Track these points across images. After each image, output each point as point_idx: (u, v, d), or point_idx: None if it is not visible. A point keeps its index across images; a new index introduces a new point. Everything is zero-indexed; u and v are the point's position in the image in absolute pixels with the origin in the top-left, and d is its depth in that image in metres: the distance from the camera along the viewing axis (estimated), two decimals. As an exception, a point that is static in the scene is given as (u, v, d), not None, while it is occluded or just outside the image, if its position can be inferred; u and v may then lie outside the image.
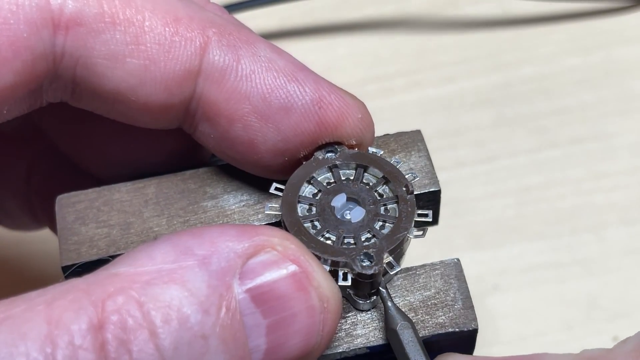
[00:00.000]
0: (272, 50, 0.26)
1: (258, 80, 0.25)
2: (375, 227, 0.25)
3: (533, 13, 0.49)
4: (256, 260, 0.22)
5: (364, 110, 0.27)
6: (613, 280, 0.40)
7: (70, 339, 0.20)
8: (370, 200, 0.25)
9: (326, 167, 0.26)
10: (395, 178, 0.26)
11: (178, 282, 0.21)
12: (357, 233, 0.25)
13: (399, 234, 0.25)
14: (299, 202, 0.25)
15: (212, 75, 0.25)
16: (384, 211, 0.25)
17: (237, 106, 0.26)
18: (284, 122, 0.26)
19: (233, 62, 0.25)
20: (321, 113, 0.26)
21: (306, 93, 0.26)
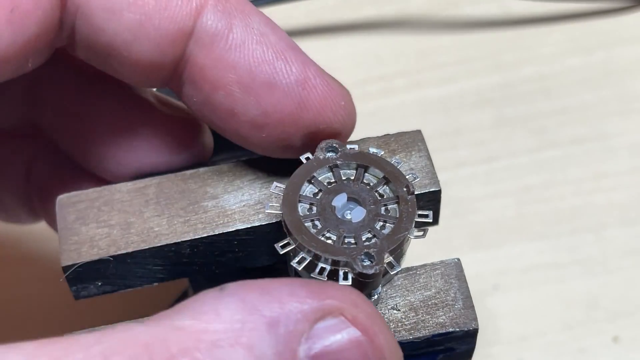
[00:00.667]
0: (266, 24, 0.26)
1: (247, 51, 0.26)
2: (376, 227, 0.25)
3: (533, 13, 0.49)
4: (323, 325, 0.20)
5: (348, 98, 0.27)
6: (613, 280, 0.40)
7: None
8: (371, 201, 0.25)
9: (327, 166, 0.26)
10: (395, 178, 0.26)
11: (245, 347, 0.19)
12: (357, 233, 0.25)
13: (399, 234, 0.25)
14: (300, 201, 0.25)
15: (202, 39, 0.26)
16: (385, 211, 0.25)
17: (222, 74, 0.26)
18: (265, 97, 0.26)
19: (225, 29, 0.26)
20: (304, 94, 0.26)
21: (292, 72, 0.26)
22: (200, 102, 0.27)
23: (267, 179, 0.28)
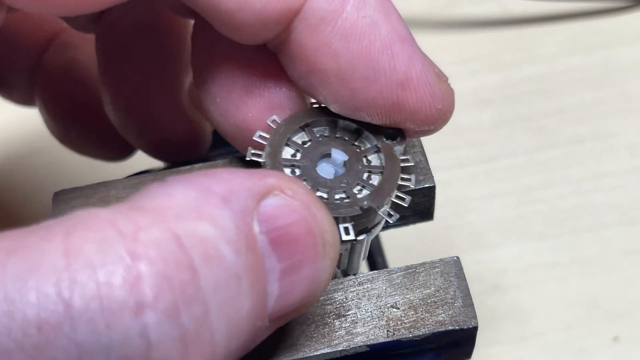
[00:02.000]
0: (380, 10, 0.24)
1: (352, 42, 0.24)
2: (364, 178, 0.25)
3: (533, 13, 0.49)
4: (268, 202, 0.21)
5: (448, 100, 0.25)
6: (613, 280, 0.40)
7: (93, 273, 0.17)
8: (356, 163, 0.25)
9: (326, 119, 0.26)
10: (388, 149, 0.25)
11: (209, 219, 0.19)
12: (332, 190, 0.25)
13: (393, 178, 0.25)
14: (287, 144, 0.25)
15: (309, 21, 0.24)
16: (367, 178, 0.25)
17: (322, 60, 0.24)
18: (361, 91, 0.24)
19: (335, 14, 0.24)
20: (401, 95, 0.24)
21: (394, 71, 0.24)
22: (293, 76, 0.25)
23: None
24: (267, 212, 0.20)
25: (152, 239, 0.18)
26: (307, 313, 0.25)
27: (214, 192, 0.20)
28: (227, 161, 0.28)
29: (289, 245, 0.21)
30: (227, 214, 0.20)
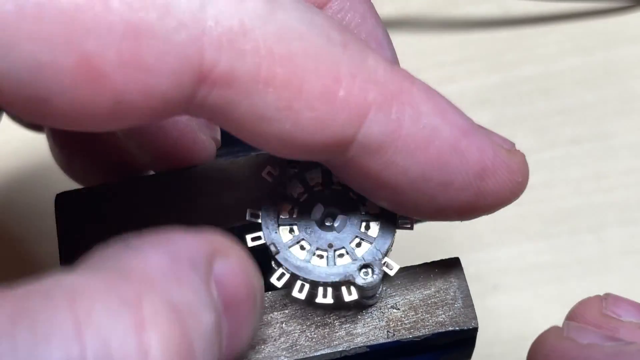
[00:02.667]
0: (436, 112, 0.23)
1: (419, 156, 0.23)
2: (361, 230, 0.25)
3: (533, 13, 0.49)
4: (217, 267, 0.21)
5: (524, 169, 0.25)
6: (613, 280, 0.40)
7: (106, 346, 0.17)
8: (348, 203, 0.26)
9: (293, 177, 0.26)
10: None
11: (187, 285, 0.20)
12: (346, 242, 0.25)
13: (388, 233, 0.25)
14: (280, 225, 0.25)
15: (368, 147, 0.23)
16: (363, 210, 0.25)
17: (390, 177, 0.23)
18: (440, 196, 0.24)
19: (393, 135, 0.22)
20: (482, 186, 0.24)
21: (469, 167, 0.23)
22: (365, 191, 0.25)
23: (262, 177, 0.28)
24: (218, 276, 0.21)
25: (156, 308, 0.18)
26: (307, 313, 0.25)
27: (182, 257, 0.20)
28: (228, 162, 0.28)
29: (235, 308, 0.21)
30: (197, 280, 0.20)
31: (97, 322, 0.18)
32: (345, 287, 0.24)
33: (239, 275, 0.21)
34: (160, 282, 0.19)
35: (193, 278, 0.20)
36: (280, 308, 0.25)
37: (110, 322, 0.18)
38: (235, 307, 0.21)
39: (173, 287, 0.19)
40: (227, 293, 0.21)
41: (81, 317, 0.18)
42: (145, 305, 0.18)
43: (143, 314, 0.18)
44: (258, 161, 0.28)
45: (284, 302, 0.25)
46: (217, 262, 0.21)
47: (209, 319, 0.20)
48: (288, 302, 0.25)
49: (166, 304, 0.19)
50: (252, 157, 0.28)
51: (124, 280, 0.19)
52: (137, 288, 0.19)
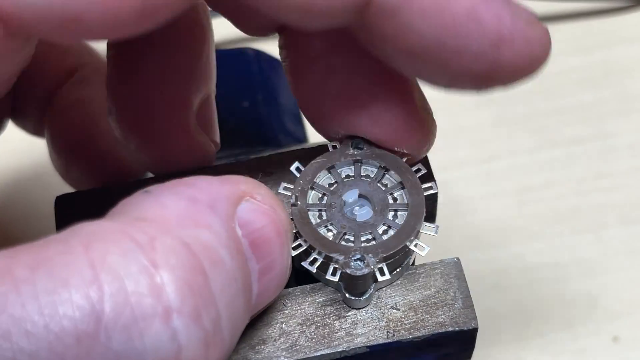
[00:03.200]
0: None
1: (434, 19, 0.22)
2: (378, 231, 0.25)
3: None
4: (243, 208, 0.22)
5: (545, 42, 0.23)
6: (613, 280, 0.40)
7: (121, 283, 0.18)
8: (382, 203, 0.26)
9: (350, 160, 0.26)
10: (413, 187, 0.26)
11: (206, 226, 0.20)
12: (358, 232, 0.25)
13: (397, 243, 0.25)
14: (313, 188, 0.26)
15: (383, 8, 0.22)
16: (392, 216, 0.25)
17: (405, 42, 0.23)
18: (453, 64, 0.23)
19: None
20: (497, 56, 0.23)
21: (485, 34, 0.22)
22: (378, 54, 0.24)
23: (264, 178, 0.28)
24: (244, 217, 0.22)
25: (168, 248, 0.19)
26: (307, 314, 0.25)
27: (201, 200, 0.21)
28: (229, 164, 0.28)
29: (264, 247, 0.22)
30: (217, 221, 0.21)
31: (111, 265, 0.18)
32: (333, 265, 0.24)
33: (266, 215, 0.22)
34: (175, 223, 0.20)
35: (211, 219, 0.21)
36: (280, 308, 0.25)
37: (124, 263, 0.18)
38: (265, 245, 0.22)
39: (189, 228, 0.20)
40: (254, 232, 0.22)
41: (96, 260, 0.18)
42: (158, 246, 0.19)
43: (155, 254, 0.19)
44: (259, 163, 0.28)
45: (284, 302, 0.25)
46: (242, 204, 0.22)
47: (228, 258, 0.20)
48: (287, 302, 0.25)
49: (180, 244, 0.19)
50: (253, 159, 0.28)
51: (139, 223, 0.20)
52: (151, 230, 0.19)
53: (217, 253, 0.20)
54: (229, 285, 0.20)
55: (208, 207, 0.21)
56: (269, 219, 0.22)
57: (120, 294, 0.18)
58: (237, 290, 0.20)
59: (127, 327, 0.18)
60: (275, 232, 0.22)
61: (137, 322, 0.18)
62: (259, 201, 0.22)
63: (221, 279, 0.20)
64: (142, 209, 0.20)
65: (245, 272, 0.21)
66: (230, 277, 0.20)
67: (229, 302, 0.20)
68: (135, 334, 0.18)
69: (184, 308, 0.18)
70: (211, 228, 0.20)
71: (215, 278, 0.19)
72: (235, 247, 0.21)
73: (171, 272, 0.19)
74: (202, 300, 0.19)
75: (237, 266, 0.21)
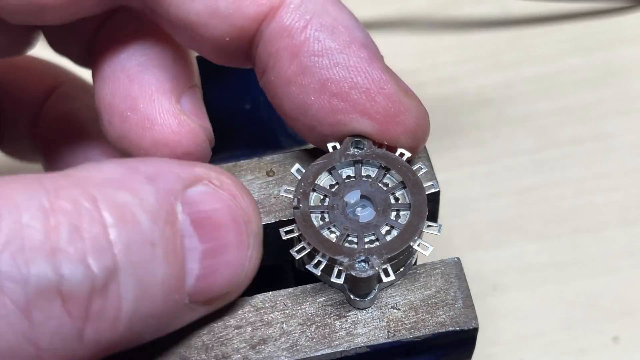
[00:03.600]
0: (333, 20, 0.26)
1: None
2: (381, 232, 0.25)
3: (533, 13, 0.49)
4: (195, 189, 0.23)
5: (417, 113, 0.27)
6: (613, 280, 0.40)
7: (18, 216, 0.20)
8: (384, 203, 0.26)
9: (350, 160, 0.26)
10: (415, 186, 0.26)
11: (129, 190, 0.22)
12: (361, 233, 0.25)
13: (402, 244, 0.25)
14: (314, 190, 0.26)
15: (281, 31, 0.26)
16: (395, 217, 0.25)
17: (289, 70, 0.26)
18: None
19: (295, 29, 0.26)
20: None
21: None
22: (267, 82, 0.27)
23: (265, 179, 0.28)
24: (192, 197, 0.23)
25: (71, 196, 0.21)
26: (307, 314, 0.25)
27: (141, 171, 0.22)
28: (230, 165, 0.28)
29: (211, 228, 0.23)
30: (149, 189, 0.22)
31: (15, 200, 0.20)
32: (338, 268, 0.24)
33: (220, 199, 0.23)
34: (97, 182, 0.21)
35: (140, 186, 0.22)
36: (280, 308, 0.25)
37: (27, 201, 0.20)
38: (212, 227, 0.23)
39: (108, 188, 0.21)
40: (200, 213, 0.23)
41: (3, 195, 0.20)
42: (62, 194, 0.21)
43: (57, 200, 0.20)
44: (260, 165, 0.28)
45: (285, 302, 0.25)
46: (196, 186, 0.23)
47: (146, 222, 0.21)
48: (288, 302, 0.25)
49: (86, 196, 0.21)
50: (255, 161, 0.28)
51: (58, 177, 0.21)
52: (63, 182, 0.21)
53: (132, 213, 0.21)
54: (140, 247, 0.21)
55: (145, 177, 0.22)
56: (224, 204, 0.23)
57: (16, 224, 0.20)
58: (154, 256, 0.21)
59: (15, 252, 0.20)
60: (229, 217, 0.23)
61: (25, 251, 0.20)
62: (215, 186, 0.23)
63: (127, 236, 0.21)
64: (79, 170, 0.22)
65: (173, 243, 0.22)
66: (144, 239, 0.21)
67: (136, 262, 0.21)
68: (20, 261, 0.20)
69: (69, 249, 0.20)
70: (136, 193, 0.22)
71: (120, 233, 0.21)
72: (164, 216, 0.22)
73: (64, 216, 0.20)
74: (94, 247, 0.20)
75: (159, 233, 0.22)
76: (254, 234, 0.24)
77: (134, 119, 0.29)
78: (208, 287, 0.23)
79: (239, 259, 0.23)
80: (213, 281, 0.23)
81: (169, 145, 0.29)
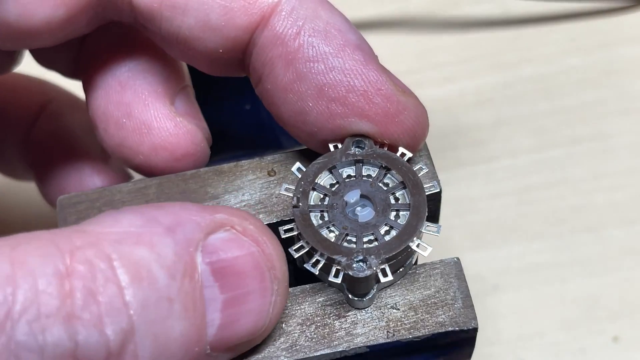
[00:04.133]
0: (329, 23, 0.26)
1: None
2: (380, 232, 0.25)
3: (533, 13, 0.49)
4: (217, 237, 0.22)
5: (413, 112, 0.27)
6: (613, 280, 0.40)
7: (34, 282, 0.20)
8: (384, 203, 0.26)
9: (351, 160, 0.26)
10: (415, 186, 0.26)
11: (147, 245, 0.21)
12: (360, 233, 0.25)
13: (400, 244, 0.25)
14: (314, 189, 0.26)
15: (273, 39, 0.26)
16: (394, 217, 0.25)
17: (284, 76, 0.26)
18: None
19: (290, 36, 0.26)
20: None
21: None
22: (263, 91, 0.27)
23: (267, 179, 0.28)
24: (214, 244, 0.22)
25: (86, 258, 0.20)
26: (307, 314, 0.25)
27: (160, 222, 0.22)
28: (232, 165, 0.28)
29: (233, 277, 0.22)
30: (168, 242, 0.21)
31: (29, 264, 0.20)
32: (336, 267, 0.24)
33: (242, 246, 0.23)
34: (113, 238, 0.21)
35: (158, 240, 0.21)
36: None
37: (41, 265, 0.20)
38: (234, 276, 0.22)
39: (125, 244, 0.21)
40: (222, 261, 0.22)
41: (17, 259, 0.20)
42: (78, 255, 0.20)
43: (72, 262, 0.20)
44: (261, 164, 0.28)
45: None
46: (218, 232, 0.22)
47: (163, 278, 0.21)
48: (287, 302, 0.25)
49: (101, 256, 0.20)
50: (256, 160, 0.28)
51: (73, 234, 0.21)
52: (79, 241, 0.21)
53: (148, 270, 0.21)
54: (157, 304, 0.21)
55: (164, 228, 0.22)
56: (246, 251, 0.23)
57: (32, 291, 0.19)
58: (172, 312, 0.21)
59: (31, 321, 0.19)
60: (251, 265, 0.22)
61: (40, 318, 0.19)
62: (238, 232, 0.23)
63: (143, 295, 0.21)
64: (95, 223, 0.22)
65: (192, 296, 0.21)
66: (161, 296, 0.21)
67: (153, 319, 0.21)
68: (37, 329, 0.19)
69: (84, 314, 0.20)
70: (153, 247, 0.21)
71: (136, 293, 0.20)
72: (182, 269, 0.21)
73: (79, 280, 0.20)
74: (110, 310, 0.20)
75: (177, 288, 0.21)
76: (278, 279, 0.23)
77: (130, 125, 0.29)
78: (230, 336, 0.23)
79: (262, 306, 0.23)
80: (235, 330, 0.23)
81: (167, 149, 0.29)
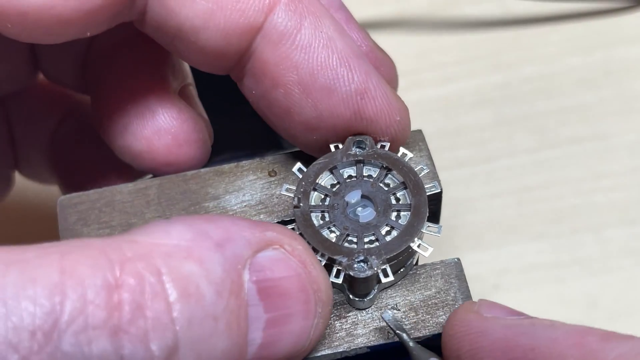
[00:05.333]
0: (335, 29, 0.26)
1: (312, 54, 0.26)
2: (381, 232, 0.25)
3: (533, 13, 0.49)
4: (265, 255, 0.22)
5: (404, 114, 0.27)
6: (613, 280, 0.40)
7: (83, 292, 0.19)
8: (385, 204, 0.26)
9: (352, 160, 0.26)
10: (416, 187, 0.26)
11: (196, 260, 0.21)
12: (361, 233, 0.25)
13: (401, 244, 0.25)
14: (315, 189, 0.26)
15: (270, 36, 0.26)
16: (395, 217, 0.25)
17: (284, 72, 0.26)
18: (323, 101, 0.26)
19: (294, 29, 0.26)
20: (361, 104, 0.26)
21: (353, 81, 0.26)
22: (258, 96, 0.27)
23: (268, 179, 0.28)
24: (261, 263, 0.22)
25: (135, 270, 0.20)
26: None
27: (209, 236, 0.22)
28: (232, 166, 0.28)
29: (278, 298, 0.22)
30: (217, 258, 0.21)
31: (79, 274, 0.19)
32: (337, 267, 0.24)
33: (289, 267, 0.22)
34: (164, 251, 0.21)
35: (208, 255, 0.21)
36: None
37: (91, 275, 0.20)
38: (278, 296, 0.22)
39: (175, 258, 0.21)
40: (268, 281, 0.22)
41: (67, 267, 0.20)
42: (128, 267, 0.20)
43: (122, 274, 0.20)
44: (262, 164, 0.28)
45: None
46: (267, 251, 0.22)
47: (211, 295, 0.21)
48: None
49: (151, 270, 0.20)
50: (256, 160, 0.28)
51: (124, 244, 0.21)
52: (129, 253, 0.20)
53: (196, 286, 0.21)
54: (202, 321, 0.21)
55: (214, 243, 0.21)
56: (293, 272, 0.22)
57: (80, 301, 0.19)
58: (216, 330, 0.21)
59: (78, 332, 0.19)
60: (297, 286, 0.22)
61: (87, 330, 0.19)
62: (287, 252, 0.23)
63: (190, 312, 0.20)
64: (145, 233, 0.21)
65: (237, 314, 0.21)
66: (207, 314, 0.21)
67: (197, 337, 0.20)
68: (83, 340, 0.19)
69: (131, 328, 0.20)
70: (202, 263, 0.21)
71: (183, 309, 0.20)
72: (229, 287, 0.21)
73: (128, 294, 0.20)
74: (156, 325, 0.20)
75: (223, 306, 0.21)
76: (322, 302, 0.23)
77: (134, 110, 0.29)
78: (269, 355, 0.22)
79: (304, 328, 0.23)
80: (275, 350, 0.22)
81: (170, 132, 0.29)
